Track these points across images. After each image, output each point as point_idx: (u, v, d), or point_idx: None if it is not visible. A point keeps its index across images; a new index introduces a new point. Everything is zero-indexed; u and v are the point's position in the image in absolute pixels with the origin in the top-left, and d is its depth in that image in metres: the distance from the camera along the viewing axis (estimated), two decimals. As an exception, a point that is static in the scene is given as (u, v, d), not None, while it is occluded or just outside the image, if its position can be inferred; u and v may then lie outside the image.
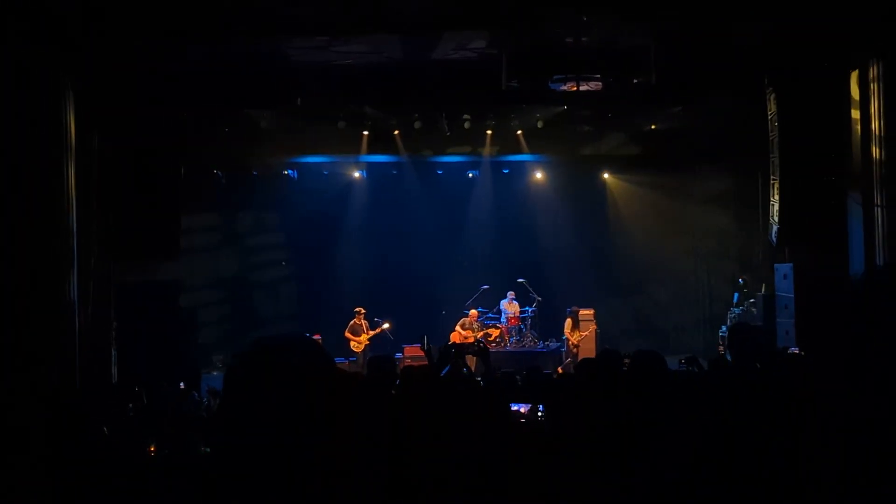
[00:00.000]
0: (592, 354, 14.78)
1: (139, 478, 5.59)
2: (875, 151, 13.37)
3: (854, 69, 14.05)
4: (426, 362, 9.21)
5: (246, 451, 2.00)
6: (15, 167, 11.44)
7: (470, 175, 19.94)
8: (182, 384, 12.80)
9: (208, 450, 6.89)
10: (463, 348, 10.56)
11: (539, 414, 6.28)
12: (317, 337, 17.58)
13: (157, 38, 12.71)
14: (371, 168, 19.70)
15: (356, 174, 19.85)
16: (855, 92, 14.19)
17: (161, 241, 15.01)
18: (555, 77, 12.91)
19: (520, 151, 19.08)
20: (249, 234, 20.02)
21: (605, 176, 19.60)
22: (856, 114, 14.24)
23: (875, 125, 13.31)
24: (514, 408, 6.32)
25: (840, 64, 14.23)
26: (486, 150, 19.19)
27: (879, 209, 13.78)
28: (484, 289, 19.00)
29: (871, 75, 13.04)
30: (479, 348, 9.27)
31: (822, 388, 3.91)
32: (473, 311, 18.07)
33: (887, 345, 2.50)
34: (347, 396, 2.39)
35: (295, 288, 20.27)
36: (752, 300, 17.11)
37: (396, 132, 18.25)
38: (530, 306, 18.52)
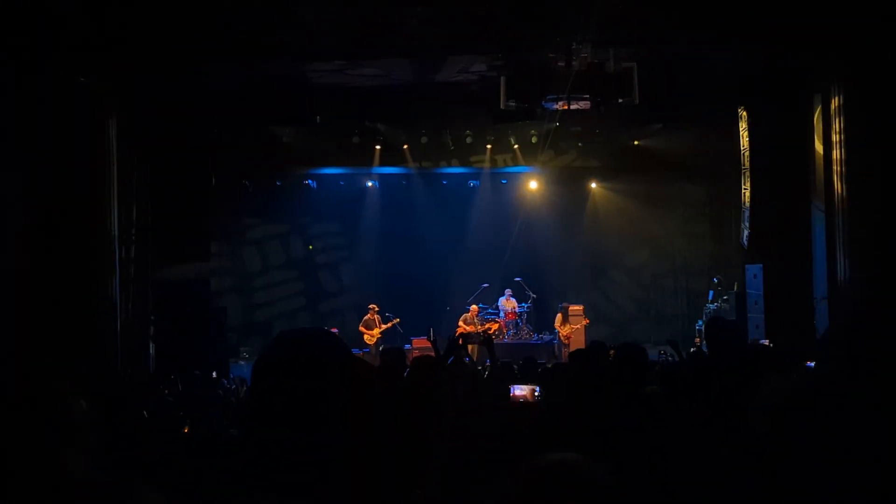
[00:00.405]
0: (582, 346, 14.76)
1: (175, 455, 5.62)
2: (836, 166, 13.38)
3: (817, 92, 14.10)
4: (433, 352, 9.21)
5: (273, 434, 2.01)
6: (65, 180, 11.54)
7: (471, 184, 19.94)
8: (213, 373, 12.86)
9: (236, 432, 6.91)
10: (469, 338, 10.57)
11: (535, 394, 6.30)
12: (334, 330, 17.60)
13: (193, 64, 12.75)
14: (383, 178, 19.71)
15: (369, 184, 19.86)
16: (817, 115, 14.25)
17: (193, 244, 15.07)
18: (548, 97, 12.90)
19: (516, 163, 19.09)
20: (272, 238, 20.03)
21: (593, 185, 19.59)
22: (819, 127, 14.29)
23: (836, 138, 13.32)
24: (514, 391, 6.34)
25: (804, 86, 14.26)
26: (486, 163, 19.21)
27: (840, 215, 13.79)
28: (484, 287, 19.01)
29: (834, 104, 13.07)
30: (485, 337, 9.30)
31: (788, 376, 3.93)
32: (474, 307, 18.06)
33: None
34: (368, 383, 2.39)
35: (313, 286, 20.26)
36: (725, 297, 17.10)
37: (405, 146, 18.28)
38: (526, 303, 18.53)
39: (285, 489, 1.93)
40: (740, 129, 16.18)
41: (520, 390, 6.31)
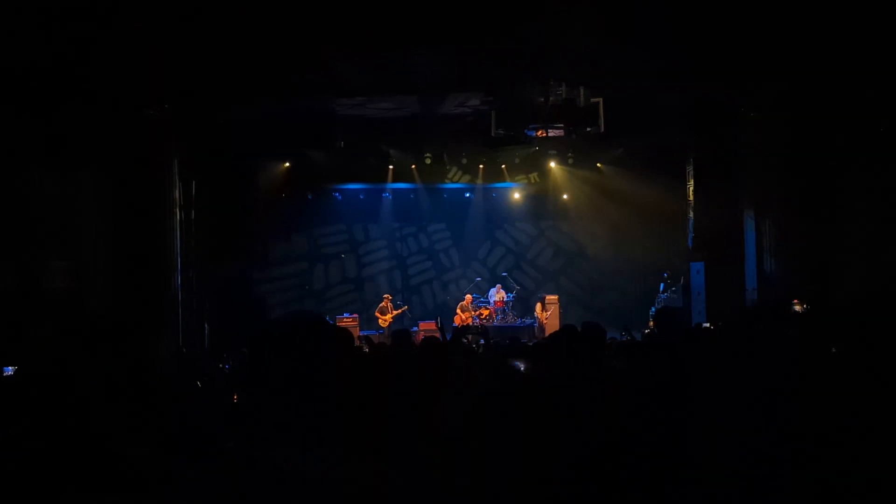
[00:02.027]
0: (556, 328, 14.73)
1: (227, 419, 5.61)
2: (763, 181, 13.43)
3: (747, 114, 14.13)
4: (438, 335, 9.24)
5: (271, 391, 1.96)
6: (138, 194, 11.61)
7: (467, 195, 19.92)
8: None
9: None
10: (468, 329, 10.60)
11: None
12: (354, 316, 17.65)
13: (242, 99, 12.78)
14: (395, 192, 19.69)
15: (383, 196, 19.86)
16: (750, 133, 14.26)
17: (240, 246, 15.09)
18: (529, 126, 12.88)
19: (503, 180, 19.10)
20: (306, 240, 20.02)
21: (565, 197, 19.57)
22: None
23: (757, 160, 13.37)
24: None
25: (737, 113, 14.26)
26: (479, 179, 19.21)
27: (767, 223, 13.83)
28: (477, 280, 19.08)
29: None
30: (481, 328, 9.32)
31: (725, 353, 3.96)
32: (468, 297, 18.10)
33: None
34: (349, 344, 2.32)
35: (338, 278, 20.25)
36: (673, 289, 17.11)
37: (413, 166, 18.27)
38: (511, 293, 18.56)
39: (286, 439, 1.89)
40: (689, 151, 16.21)
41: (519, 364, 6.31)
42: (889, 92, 10.16)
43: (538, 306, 17.74)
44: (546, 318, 17.31)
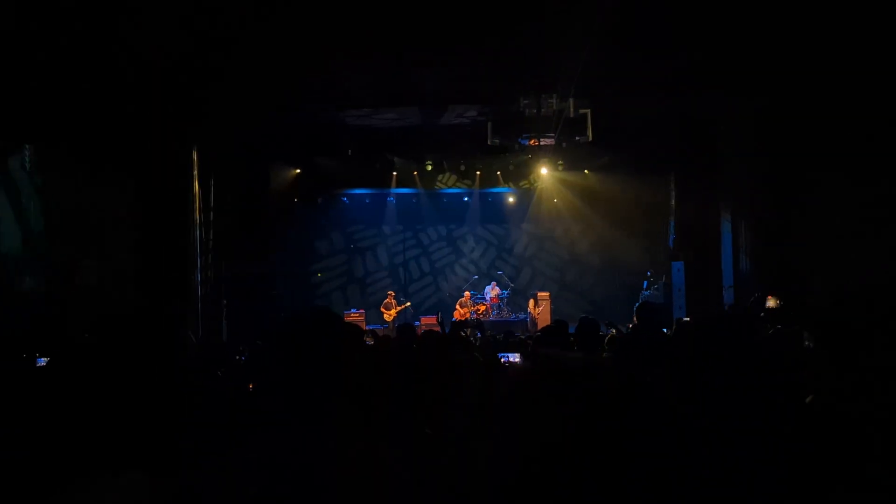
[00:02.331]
0: (548, 322, 14.79)
1: (244, 405, 5.64)
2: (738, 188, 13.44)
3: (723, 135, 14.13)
4: (438, 329, 9.30)
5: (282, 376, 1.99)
6: (161, 201, 11.65)
7: (465, 199, 19.96)
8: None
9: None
10: (465, 323, 10.59)
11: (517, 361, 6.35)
12: (361, 311, 17.67)
13: (259, 111, 12.82)
14: (398, 197, 19.73)
15: (388, 200, 19.90)
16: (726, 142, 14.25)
17: (253, 247, 15.10)
18: (523, 135, 12.94)
19: (499, 185, 19.13)
20: (316, 240, 20.06)
21: (555, 200, 19.60)
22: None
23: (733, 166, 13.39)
24: (508, 358, 6.34)
25: (706, 122, 14.31)
26: (476, 184, 19.25)
27: (743, 225, 13.86)
28: (475, 278, 19.11)
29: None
30: (476, 322, 9.35)
31: (702, 341, 3.98)
32: (467, 293, 18.15)
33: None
34: (357, 342, 2.35)
35: (347, 276, 20.27)
36: (656, 286, 17.15)
37: (415, 172, 18.31)
38: (506, 290, 18.59)
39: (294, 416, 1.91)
40: (668, 176, 16.26)
41: (512, 357, 6.34)
42: (858, 97, 10.19)
43: (531, 302, 17.78)
44: (538, 314, 17.34)
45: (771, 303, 11.40)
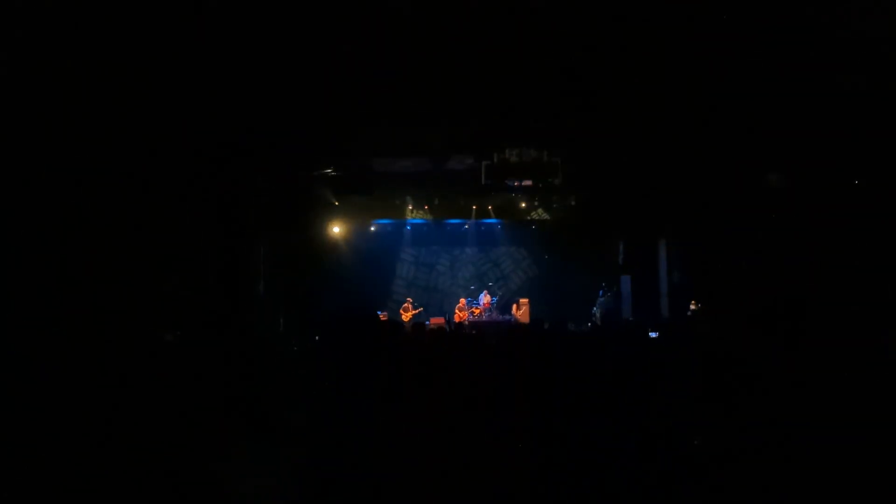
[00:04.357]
0: (527, 322, 14.75)
1: (299, 388, 5.62)
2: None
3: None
4: (444, 327, 9.31)
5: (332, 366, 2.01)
6: (232, 227, 11.68)
7: (465, 227, 19.94)
8: (316, 337, 12.74)
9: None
10: (463, 326, 10.44)
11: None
12: (384, 313, 17.61)
13: (295, 164, 12.87)
14: (413, 226, 19.73)
15: (405, 228, 19.89)
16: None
17: (302, 264, 15.05)
18: (508, 178, 13.02)
19: (490, 217, 19.17)
20: (350, 261, 19.81)
21: (533, 227, 19.56)
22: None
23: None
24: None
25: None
26: (473, 216, 19.29)
27: (674, 246, 13.86)
28: (471, 288, 19.10)
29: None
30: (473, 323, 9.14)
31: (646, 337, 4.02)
32: (462, 300, 18.18)
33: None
34: (391, 331, 2.35)
35: (372, 287, 20.06)
36: (609, 294, 17.14)
37: (426, 206, 18.37)
38: (495, 297, 18.57)
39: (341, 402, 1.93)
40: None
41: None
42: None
43: (514, 307, 17.78)
44: (520, 315, 17.35)
45: (693, 306, 11.39)
